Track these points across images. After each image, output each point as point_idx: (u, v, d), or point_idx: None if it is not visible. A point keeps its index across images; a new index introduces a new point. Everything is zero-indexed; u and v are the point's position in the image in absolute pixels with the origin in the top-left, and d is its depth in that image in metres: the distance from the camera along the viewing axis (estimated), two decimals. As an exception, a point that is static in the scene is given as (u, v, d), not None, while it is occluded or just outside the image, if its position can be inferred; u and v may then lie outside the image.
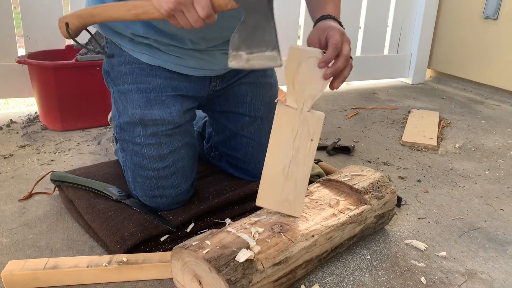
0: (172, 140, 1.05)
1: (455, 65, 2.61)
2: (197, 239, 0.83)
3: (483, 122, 2.00)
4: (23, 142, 1.55)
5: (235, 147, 1.22)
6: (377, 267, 0.95)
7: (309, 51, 0.86)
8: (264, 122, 1.21)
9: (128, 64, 1.06)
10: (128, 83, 1.06)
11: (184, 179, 1.08)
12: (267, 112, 1.21)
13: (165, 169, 1.05)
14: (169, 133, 1.05)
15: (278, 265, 0.82)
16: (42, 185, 1.23)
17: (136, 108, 1.04)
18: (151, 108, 1.04)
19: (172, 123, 1.05)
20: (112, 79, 1.09)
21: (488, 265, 0.98)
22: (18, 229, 1.04)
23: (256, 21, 0.81)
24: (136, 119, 1.04)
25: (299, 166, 0.91)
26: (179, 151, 1.07)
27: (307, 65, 0.86)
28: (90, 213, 1.02)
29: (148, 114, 1.04)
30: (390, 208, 1.08)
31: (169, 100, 1.06)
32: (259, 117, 1.21)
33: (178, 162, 1.06)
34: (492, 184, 1.38)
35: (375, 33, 2.55)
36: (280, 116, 0.89)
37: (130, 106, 1.05)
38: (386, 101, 2.29)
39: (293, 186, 0.92)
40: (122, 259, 0.88)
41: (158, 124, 1.04)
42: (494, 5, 2.30)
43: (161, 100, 1.05)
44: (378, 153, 1.59)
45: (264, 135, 1.20)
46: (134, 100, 1.05)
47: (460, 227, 1.13)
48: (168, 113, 1.05)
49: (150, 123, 1.04)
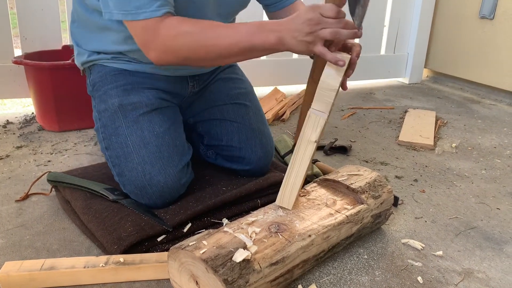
0: (153, 125, 1.09)
1: (451, 65, 2.62)
2: (194, 239, 0.83)
3: (480, 121, 2.00)
4: (20, 143, 1.55)
5: (228, 135, 1.23)
6: (374, 267, 0.96)
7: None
8: (249, 109, 1.26)
9: (108, 73, 1.15)
10: (107, 84, 1.14)
11: (171, 165, 1.07)
12: (248, 100, 1.28)
13: (149, 155, 1.05)
14: (149, 118, 1.09)
15: (275, 265, 0.82)
16: (38, 186, 1.23)
17: (115, 98, 1.11)
18: (128, 95, 1.11)
19: (149, 104, 1.11)
20: (95, 88, 1.17)
21: (485, 264, 0.99)
22: (14, 230, 1.04)
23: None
24: (115, 107, 1.10)
25: (297, 162, 0.96)
26: (162, 136, 1.08)
27: (330, 67, 0.92)
28: (87, 214, 1.02)
29: (126, 99, 1.11)
30: (387, 207, 1.08)
31: (145, 90, 1.13)
32: (242, 103, 1.26)
33: (161, 147, 1.07)
34: (489, 183, 1.39)
35: (372, 32, 2.56)
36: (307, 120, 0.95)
37: (109, 99, 1.12)
38: (383, 100, 2.29)
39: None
40: (119, 260, 0.88)
41: (136, 108, 1.10)
42: (490, 5, 2.31)
43: (138, 89, 1.13)
44: (375, 152, 1.60)
45: (254, 120, 1.25)
46: (113, 93, 1.12)
47: (457, 226, 1.13)
48: (145, 97, 1.12)
49: (128, 108, 1.10)
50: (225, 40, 0.92)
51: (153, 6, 0.92)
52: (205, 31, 0.93)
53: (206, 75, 1.26)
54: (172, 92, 1.20)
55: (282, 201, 0.96)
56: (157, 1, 0.92)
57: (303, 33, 0.86)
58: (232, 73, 1.32)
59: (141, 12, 0.92)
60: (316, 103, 0.93)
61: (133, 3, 0.92)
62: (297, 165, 0.95)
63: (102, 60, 1.17)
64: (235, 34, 0.91)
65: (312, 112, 0.93)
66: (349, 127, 1.86)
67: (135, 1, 0.92)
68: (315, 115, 0.93)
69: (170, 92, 1.19)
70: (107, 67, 1.16)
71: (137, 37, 0.98)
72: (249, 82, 1.36)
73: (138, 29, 0.96)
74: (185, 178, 1.10)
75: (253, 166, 1.22)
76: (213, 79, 1.28)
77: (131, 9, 0.93)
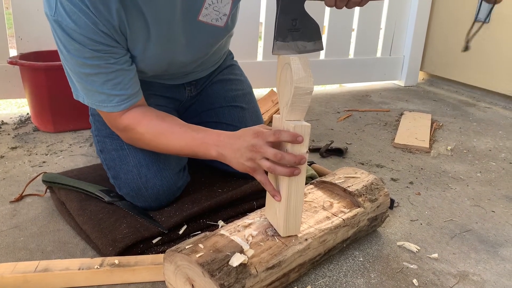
0: None
1: (447, 68, 2.63)
2: (191, 243, 0.82)
3: (475, 124, 2.01)
4: (15, 143, 1.54)
5: None
6: (370, 269, 0.96)
7: (288, 57, 0.80)
8: (245, 111, 1.26)
9: None
10: None
11: (167, 167, 1.07)
12: (245, 102, 1.28)
13: (146, 158, 1.05)
14: None
15: (271, 269, 0.82)
16: (33, 187, 1.22)
17: None
18: None
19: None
20: None
21: (480, 266, 0.99)
22: (8, 231, 1.03)
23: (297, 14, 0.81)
24: None
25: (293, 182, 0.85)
26: None
27: (286, 70, 0.81)
28: (82, 215, 1.02)
29: None
30: (383, 210, 1.08)
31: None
32: (238, 106, 1.26)
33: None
34: (484, 186, 1.39)
35: (368, 35, 2.57)
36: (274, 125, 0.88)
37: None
38: (379, 103, 2.30)
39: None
40: (114, 262, 0.88)
41: None
42: (486, 9, 2.32)
43: None
44: (371, 155, 1.60)
45: (250, 123, 1.25)
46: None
47: (452, 229, 1.14)
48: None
49: None
50: (174, 147, 0.97)
51: (112, 102, 0.96)
52: (158, 137, 0.97)
53: (203, 78, 1.26)
54: (169, 97, 1.20)
55: (289, 231, 0.86)
56: (116, 97, 0.96)
57: (244, 158, 0.85)
58: (230, 74, 1.31)
59: (103, 106, 0.97)
60: (291, 113, 0.81)
61: (95, 97, 0.96)
62: (294, 186, 0.83)
63: None
64: (182, 143, 0.96)
65: (294, 124, 0.80)
66: (345, 129, 1.86)
67: (97, 96, 0.95)
68: (299, 127, 0.80)
69: (167, 97, 1.19)
70: None
71: (104, 119, 1.04)
72: (248, 82, 1.35)
73: (102, 114, 1.01)
74: (181, 181, 1.10)
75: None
76: (211, 81, 1.28)
77: (95, 102, 0.97)
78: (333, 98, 2.34)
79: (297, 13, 0.79)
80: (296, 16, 0.79)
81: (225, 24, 1.08)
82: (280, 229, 0.87)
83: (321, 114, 2.06)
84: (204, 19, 1.04)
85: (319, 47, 0.82)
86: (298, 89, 0.77)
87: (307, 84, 0.78)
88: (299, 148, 0.81)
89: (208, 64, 1.23)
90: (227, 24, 1.09)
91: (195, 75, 1.23)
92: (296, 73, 0.77)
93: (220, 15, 1.06)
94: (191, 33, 1.04)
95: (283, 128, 0.83)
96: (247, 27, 2.15)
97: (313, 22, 0.81)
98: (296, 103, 0.79)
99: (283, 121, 0.82)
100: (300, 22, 0.80)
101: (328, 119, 1.99)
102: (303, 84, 0.77)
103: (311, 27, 0.81)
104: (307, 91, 0.78)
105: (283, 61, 0.81)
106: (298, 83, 0.77)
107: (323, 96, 2.38)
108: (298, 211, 0.86)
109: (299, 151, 0.81)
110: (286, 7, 0.78)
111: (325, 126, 1.89)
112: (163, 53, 1.02)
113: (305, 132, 0.81)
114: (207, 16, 1.03)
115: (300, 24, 0.80)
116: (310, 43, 0.81)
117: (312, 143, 1.67)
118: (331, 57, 2.48)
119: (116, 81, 0.94)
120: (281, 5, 0.78)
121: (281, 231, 0.87)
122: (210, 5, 1.02)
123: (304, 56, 0.79)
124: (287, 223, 0.86)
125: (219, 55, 1.25)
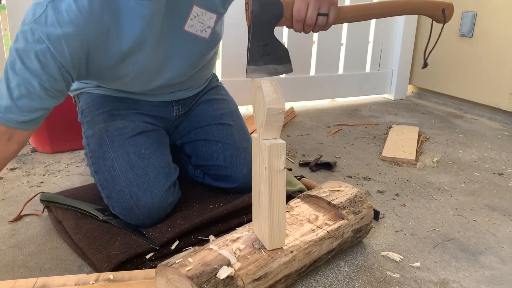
0: (139, 148, 1.14)
1: (435, 81, 2.70)
2: (181, 257, 0.87)
3: (461, 136, 2.07)
4: (13, 164, 1.59)
5: (213, 155, 1.29)
6: (354, 279, 1.00)
7: (259, 81, 0.85)
8: (232, 128, 1.32)
9: (94, 99, 1.22)
10: (94, 111, 1.20)
11: (157, 185, 1.12)
12: (232, 120, 1.34)
13: (136, 178, 1.10)
14: (134, 142, 1.15)
15: (258, 281, 0.86)
16: (31, 207, 1.27)
17: (101, 123, 1.17)
18: (114, 120, 1.18)
19: (135, 128, 1.17)
20: (84, 115, 1.24)
21: (460, 274, 1.03)
22: (8, 250, 1.07)
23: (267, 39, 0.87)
24: (102, 132, 1.16)
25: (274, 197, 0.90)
26: (148, 158, 1.14)
27: (258, 93, 0.87)
28: (78, 233, 1.06)
29: (112, 124, 1.17)
30: (367, 222, 1.13)
31: (130, 115, 1.20)
32: (225, 123, 1.32)
33: (147, 169, 1.12)
34: (467, 196, 1.44)
35: (357, 51, 2.64)
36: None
37: (96, 125, 1.18)
38: (369, 117, 2.36)
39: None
40: (109, 277, 0.92)
41: (122, 132, 1.16)
42: (469, 23, 2.40)
43: (123, 115, 1.19)
44: (359, 168, 1.65)
45: (238, 139, 1.31)
46: (99, 119, 1.18)
47: (435, 238, 1.18)
48: (130, 121, 1.18)
49: (114, 133, 1.15)
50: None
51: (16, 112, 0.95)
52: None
53: (190, 98, 1.32)
54: (158, 116, 1.26)
55: (274, 244, 0.91)
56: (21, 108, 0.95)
57: None
58: (216, 94, 1.38)
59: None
60: (267, 133, 0.86)
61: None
62: (275, 200, 0.89)
63: (88, 87, 1.24)
64: None
65: (270, 142, 0.85)
66: (335, 144, 1.92)
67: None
68: (275, 146, 0.85)
69: (155, 116, 1.25)
70: (93, 94, 1.23)
71: None
72: (233, 101, 1.42)
73: None
74: (171, 198, 1.15)
75: (239, 184, 1.27)
76: (197, 101, 1.34)
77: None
78: (324, 113, 2.40)
79: (267, 39, 0.86)
80: (267, 42, 0.85)
81: (210, 36, 1.15)
82: (265, 242, 0.92)
83: (312, 128, 2.12)
84: (190, 29, 1.11)
85: (288, 69, 0.89)
86: (271, 110, 0.83)
87: (279, 105, 0.84)
88: (277, 164, 0.87)
89: (194, 82, 1.29)
90: (212, 37, 1.16)
91: (183, 94, 1.29)
92: (267, 96, 0.83)
93: (205, 27, 1.13)
94: (178, 42, 1.11)
95: (260, 147, 0.88)
96: (238, 46, 2.22)
97: (283, 47, 0.88)
98: (270, 123, 0.85)
99: (260, 140, 0.87)
100: (271, 47, 0.86)
101: (318, 134, 2.04)
102: (275, 105, 0.83)
103: (281, 51, 0.87)
104: (279, 111, 0.84)
105: (256, 84, 0.87)
106: (270, 104, 0.83)
107: (314, 111, 2.44)
108: (281, 225, 0.91)
109: (276, 167, 0.87)
110: (258, 34, 0.85)
111: (315, 141, 1.94)
112: (151, 60, 1.08)
113: (281, 150, 0.86)
114: (192, 27, 1.11)
115: (271, 49, 0.86)
116: (280, 66, 0.87)
117: (302, 158, 1.73)
118: (322, 73, 2.55)
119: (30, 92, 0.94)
120: (252, 32, 0.85)
121: (266, 245, 0.92)
122: (195, 17, 1.10)
123: (275, 78, 0.86)
124: (271, 237, 0.90)
125: (205, 73, 1.31)
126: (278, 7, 0.87)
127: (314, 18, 0.90)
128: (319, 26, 0.92)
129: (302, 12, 0.88)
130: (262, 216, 0.91)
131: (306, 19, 0.90)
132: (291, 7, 0.89)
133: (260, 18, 0.84)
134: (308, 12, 0.89)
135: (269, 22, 0.86)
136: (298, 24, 0.90)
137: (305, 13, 0.89)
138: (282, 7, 0.88)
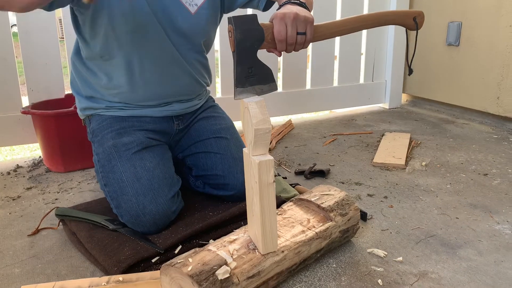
0: (144, 161, 1.26)
1: (427, 89, 2.80)
2: (182, 257, 0.97)
3: (451, 140, 2.16)
4: (29, 184, 1.71)
5: (212, 165, 1.41)
6: (341, 274, 1.10)
7: (246, 102, 0.93)
8: (229, 141, 1.44)
9: (104, 120, 1.35)
10: (104, 130, 1.33)
11: (161, 195, 1.23)
12: (229, 134, 1.46)
13: (142, 188, 1.22)
14: (140, 156, 1.26)
15: (251, 278, 0.96)
16: (48, 221, 1.38)
17: (110, 140, 1.30)
18: (121, 137, 1.30)
19: (140, 144, 1.29)
20: (94, 135, 1.36)
21: (439, 266, 1.12)
22: (28, 260, 1.19)
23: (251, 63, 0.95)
24: (110, 148, 1.28)
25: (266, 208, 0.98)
26: (153, 170, 1.25)
27: (246, 114, 0.94)
28: (90, 242, 1.17)
29: (119, 141, 1.29)
30: (354, 223, 1.23)
31: (135, 132, 1.33)
32: (223, 137, 1.44)
33: (152, 180, 1.24)
34: (451, 196, 1.53)
35: (350, 63, 2.75)
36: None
37: (105, 142, 1.30)
38: (363, 126, 2.46)
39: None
40: (119, 279, 1.03)
41: (129, 148, 1.27)
42: (455, 33, 2.51)
43: (129, 132, 1.32)
44: (351, 174, 1.75)
45: (235, 151, 1.43)
46: (108, 137, 1.31)
47: (418, 235, 1.28)
48: (136, 137, 1.31)
49: (122, 148, 1.27)
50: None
51: None
52: None
53: (189, 114, 1.46)
54: (160, 131, 1.38)
55: (267, 248, 0.99)
56: None
57: None
58: (213, 112, 1.51)
59: None
60: (256, 150, 0.94)
61: None
62: (266, 210, 0.96)
63: (99, 110, 1.37)
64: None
65: (258, 159, 0.93)
66: (330, 152, 2.02)
67: None
68: (264, 162, 0.93)
69: (158, 131, 1.38)
70: (103, 116, 1.36)
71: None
72: (229, 118, 1.54)
73: None
74: (175, 206, 1.26)
75: (237, 191, 1.38)
76: (196, 118, 1.47)
77: None
78: (321, 124, 2.51)
79: (251, 62, 0.96)
80: (251, 65, 0.95)
81: (195, 13, 1.29)
82: (260, 247, 1.01)
83: (309, 139, 2.23)
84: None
85: (273, 88, 0.99)
86: (258, 130, 0.91)
87: (265, 125, 0.92)
88: (266, 178, 0.95)
89: (187, 90, 1.42)
90: (196, 17, 1.29)
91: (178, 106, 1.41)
92: (254, 117, 0.91)
93: (193, 3, 1.27)
94: (163, 3, 1.23)
95: (251, 163, 0.97)
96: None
97: (266, 68, 0.98)
98: (258, 141, 0.93)
99: (250, 156, 0.97)
100: (255, 69, 0.96)
101: (314, 144, 2.15)
102: (261, 126, 0.91)
103: (265, 72, 0.97)
104: (266, 131, 0.92)
105: (244, 105, 0.96)
106: (257, 125, 0.91)
107: (311, 122, 2.55)
108: (273, 231, 1.00)
109: (266, 181, 0.95)
110: (242, 58, 0.95)
111: (311, 151, 2.05)
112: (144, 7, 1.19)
113: (269, 166, 0.95)
114: None
115: (255, 71, 0.96)
116: (266, 85, 0.98)
117: (298, 167, 1.83)
118: (317, 86, 2.67)
119: None
120: (237, 57, 0.95)
121: (260, 249, 1.00)
122: None
123: (261, 100, 0.95)
124: (265, 242, 0.99)
125: (196, 84, 1.43)
126: (259, 32, 0.98)
127: (294, 37, 1.01)
128: (299, 44, 1.03)
129: (282, 33, 1.00)
130: (255, 224, 1.01)
131: (287, 38, 1.01)
132: (271, 30, 1.00)
133: (243, 45, 0.95)
134: (288, 32, 1.00)
135: (251, 47, 0.97)
136: (281, 44, 1.01)
137: (285, 34, 1.00)
138: (263, 32, 0.98)
